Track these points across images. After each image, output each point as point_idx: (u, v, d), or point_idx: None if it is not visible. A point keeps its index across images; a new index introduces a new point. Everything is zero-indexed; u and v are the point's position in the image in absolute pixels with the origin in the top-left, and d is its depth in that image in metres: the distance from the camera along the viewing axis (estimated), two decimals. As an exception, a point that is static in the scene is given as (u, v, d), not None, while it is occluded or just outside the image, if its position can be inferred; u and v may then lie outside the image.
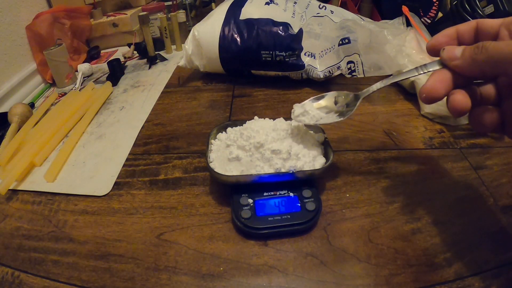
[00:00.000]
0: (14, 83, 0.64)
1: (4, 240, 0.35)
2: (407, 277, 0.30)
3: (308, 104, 0.37)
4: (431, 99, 0.26)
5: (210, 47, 0.59)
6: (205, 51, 0.60)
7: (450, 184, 0.39)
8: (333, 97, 0.37)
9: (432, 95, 0.26)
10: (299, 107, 0.38)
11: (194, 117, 0.54)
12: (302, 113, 0.37)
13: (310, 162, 0.36)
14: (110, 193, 0.40)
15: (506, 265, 0.30)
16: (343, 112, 0.36)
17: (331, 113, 0.37)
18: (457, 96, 0.26)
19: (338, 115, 0.36)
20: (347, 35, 0.53)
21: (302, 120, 0.37)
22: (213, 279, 0.30)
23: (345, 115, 0.35)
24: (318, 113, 0.37)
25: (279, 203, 0.35)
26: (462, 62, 0.25)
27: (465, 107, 0.25)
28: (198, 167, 0.43)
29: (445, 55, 0.26)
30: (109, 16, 0.85)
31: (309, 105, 0.37)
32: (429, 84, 0.26)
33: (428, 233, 0.33)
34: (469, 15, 0.52)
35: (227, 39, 0.58)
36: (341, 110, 0.36)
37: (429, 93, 0.26)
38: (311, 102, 0.38)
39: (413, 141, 0.46)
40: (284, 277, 0.30)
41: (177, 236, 0.34)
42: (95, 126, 0.54)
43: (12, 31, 0.65)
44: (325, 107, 0.37)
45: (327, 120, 0.36)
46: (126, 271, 0.31)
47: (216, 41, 0.58)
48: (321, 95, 0.38)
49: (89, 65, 0.73)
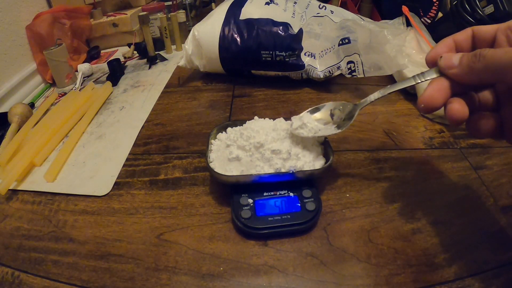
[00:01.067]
0: (14, 83, 0.64)
1: (4, 240, 0.35)
2: (407, 277, 0.30)
3: (306, 116, 0.38)
4: (429, 109, 0.26)
5: (210, 47, 0.59)
6: (205, 51, 0.60)
7: (450, 184, 0.39)
8: (329, 109, 0.38)
9: (430, 105, 0.26)
10: (297, 119, 0.38)
11: (194, 117, 0.54)
12: (300, 125, 0.37)
13: (310, 162, 0.36)
14: (110, 193, 0.40)
15: (506, 265, 0.30)
16: (340, 124, 0.36)
17: (329, 124, 0.37)
18: (455, 105, 0.25)
19: (336, 127, 0.36)
20: (347, 35, 0.53)
21: (301, 132, 0.37)
22: (213, 279, 0.30)
23: (342, 126, 0.35)
24: (316, 125, 0.37)
25: (279, 203, 0.35)
26: (460, 71, 0.25)
27: (463, 116, 0.25)
28: (198, 167, 0.43)
29: (442, 64, 0.26)
30: (109, 16, 0.85)
31: (307, 117, 0.38)
32: (427, 94, 0.26)
33: (428, 233, 0.33)
34: (469, 15, 0.52)
35: (227, 39, 0.58)
36: (339, 122, 0.36)
37: (427, 103, 0.26)
38: (309, 114, 0.38)
39: (413, 141, 0.46)
40: (284, 277, 0.30)
41: (177, 236, 0.34)
42: (95, 126, 0.54)
43: (12, 31, 0.65)
44: (323, 118, 0.38)
45: (326, 132, 0.36)
46: (126, 271, 0.31)
47: (216, 41, 0.58)
48: (318, 107, 0.38)
49: (89, 65, 0.73)
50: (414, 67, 0.53)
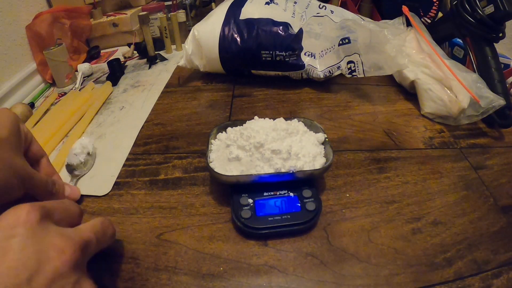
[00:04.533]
0: (14, 83, 0.64)
1: (4, 240, 0.35)
2: (407, 277, 0.30)
3: None
4: None
5: (210, 47, 0.59)
6: (205, 50, 0.60)
7: (450, 184, 0.39)
8: None
9: None
10: None
11: (194, 117, 0.54)
12: None
13: (310, 162, 0.36)
14: (110, 193, 0.40)
15: (506, 265, 0.30)
16: None
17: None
18: None
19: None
20: (347, 35, 0.53)
21: None
22: (213, 279, 0.30)
23: None
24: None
25: (279, 203, 0.35)
26: None
27: None
28: (198, 167, 0.43)
29: None
30: (109, 16, 0.85)
31: None
32: None
33: (428, 233, 0.33)
34: (469, 15, 0.52)
35: (227, 39, 0.58)
36: None
37: None
38: None
39: (413, 141, 0.46)
40: (284, 277, 0.30)
41: (177, 236, 0.34)
42: (95, 126, 0.54)
43: (12, 31, 0.65)
44: None
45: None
46: (126, 271, 0.31)
47: (216, 41, 0.58)
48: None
49: (89, 65, 0.73)
50: (414, 67, 0.53)
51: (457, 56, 0.63)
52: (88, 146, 0.45)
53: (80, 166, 0.43)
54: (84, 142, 0.45)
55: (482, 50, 0.51)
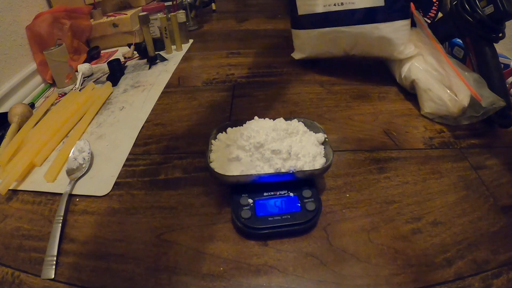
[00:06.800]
0: (14, 83, 0.64)
1: (4, 240, 0.35)
2: (407, 277, 0.30)
3: None
4: None
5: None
6: None
7: (450, 184, 0.39)
8: None
9: None
10: None
11: (194, 117, 0.54)
12: None
13: (310, 162, 0.36)
14: (110, 193, 0.40)
15: (506, 265, 0.30)
16: None
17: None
18: None
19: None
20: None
21: None
22: (213, 279, 0.30)
23: None
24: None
25: (279, 203, 0.35)
26: None
27: None
28: (198, 167, 0.43)
29: None
30: (109, 16, 0.85)
31: None
32: None
33: (428, 233, 0.33)
34: (469, 15, 0.51)
35: None
36: None
37: None
38: None
39: (413, 141, 0.46)
40: (284, 277, 0.30)
41: (177, 236, 0.34)
42: (95, 126, 0.54)
43: (12, 31, 0.65)
44: None
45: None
46: (126, 271, 0.31)
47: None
48: None
49: (89, 65, 0.73)
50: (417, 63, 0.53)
51: (457, 56, 0.63)
52: (85, 148, 0.45)
53: (79, 168, 0.43)
54: (80, 144, 0.46)
55: (482, 50, 0.51)
